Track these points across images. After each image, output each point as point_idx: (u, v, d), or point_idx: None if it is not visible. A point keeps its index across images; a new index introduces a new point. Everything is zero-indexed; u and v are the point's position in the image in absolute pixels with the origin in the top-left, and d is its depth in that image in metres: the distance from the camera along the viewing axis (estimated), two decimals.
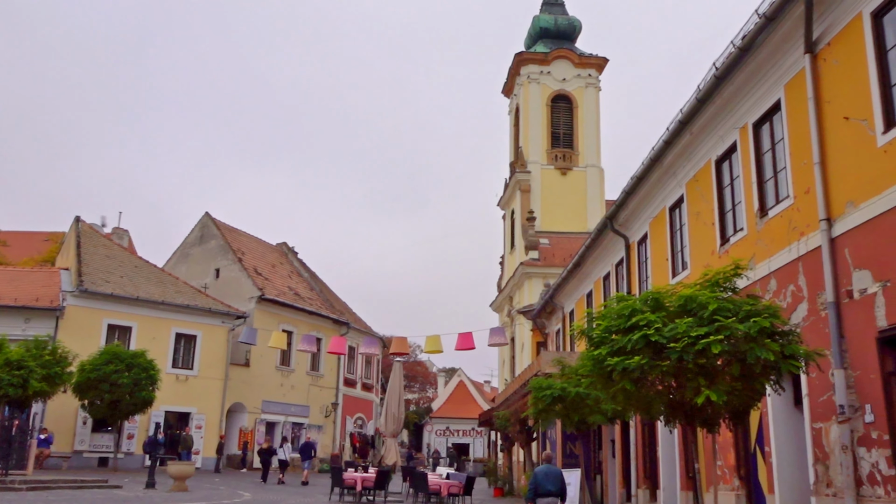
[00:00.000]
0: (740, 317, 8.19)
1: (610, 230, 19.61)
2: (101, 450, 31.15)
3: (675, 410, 8.91)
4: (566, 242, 39.35)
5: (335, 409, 43.40)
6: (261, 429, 37.91)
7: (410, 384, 71.20)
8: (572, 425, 15.50)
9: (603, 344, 8.87)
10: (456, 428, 62.20)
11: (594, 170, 43.82)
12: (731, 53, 11.62)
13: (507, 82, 48.64)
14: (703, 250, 13.98)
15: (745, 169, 12.41)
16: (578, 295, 25.27)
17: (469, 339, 26.80)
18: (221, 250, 41.74)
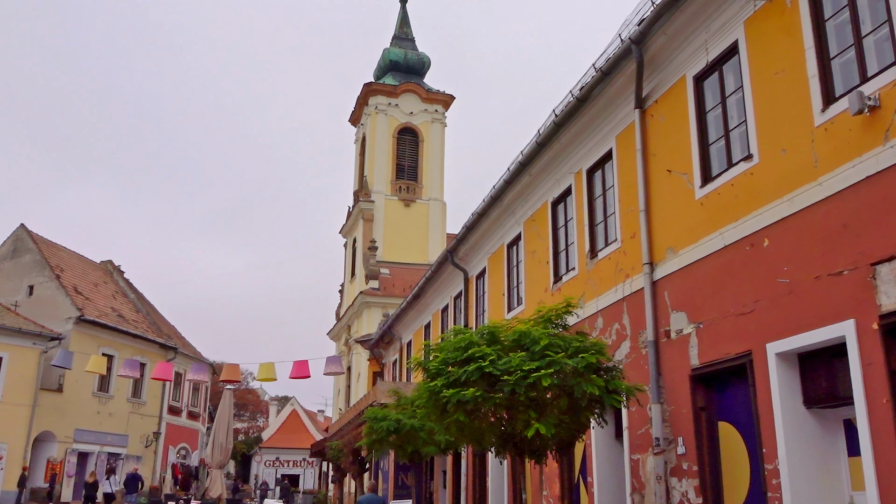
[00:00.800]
0: (569, 352, 8.57)
1: (450, 263, 20.00)
2: None
3: (506, 442, 9.16)
4: (407, 273, 39.73)
5: (157, 439, 41.05)
6: (72, 459, 35.18)
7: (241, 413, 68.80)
8: (406, 456, 15.54)
9: (439, 375, 8.99)
10: (286, 458, 60.56)
11: (437, 203, 44.68)
12: (570, 102, 12.29)
13: (354, 111, 48.80)
14: (538, 287, 14.56)
15: (579, 212, 13.09)
16: (417, 326, 25.50)
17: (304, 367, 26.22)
18: (37, 266, 38.59)
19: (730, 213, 8.89)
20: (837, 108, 7.43)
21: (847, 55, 7.57)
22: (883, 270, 6.75)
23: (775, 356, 7.94)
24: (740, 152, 8.97)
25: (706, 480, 9.00)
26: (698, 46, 9.77)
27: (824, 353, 7.60)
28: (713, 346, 9.00)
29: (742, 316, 8.52)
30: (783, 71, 8.25)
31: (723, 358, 8.81)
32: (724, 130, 9.36)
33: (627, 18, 11.02)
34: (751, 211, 8.52)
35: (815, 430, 7.79)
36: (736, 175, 8.88)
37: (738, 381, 8.73)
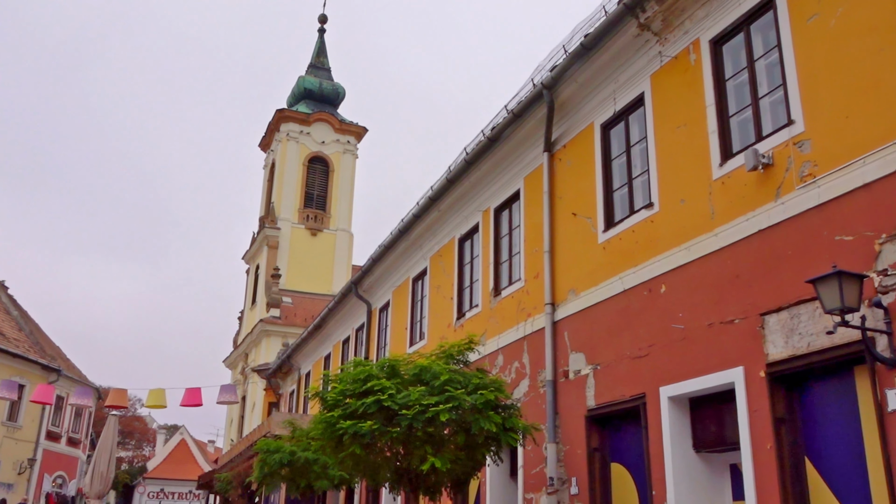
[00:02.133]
0: (469, 389, 8.55)
1: (354, 295, 19.81)
2: None
3: (401, 477, 9.02)
4: (309, 303, 39.11)
5: (31, 466, 38.60)
6: None
7: (126, 440, 65.62)
8: (298, 490, 15.10)
9: (337, 407, 8.80)
10: (172, 490, 57.99)
11: (344, 234, 44.35)
12: (481, 141, 12.47)
13: (265, 137, 48.12)
14: (441, 322, 14.56)
15: (485, 249, 13.22)
16: (317, 357, 25.06)
17: (197, 394, 25.23)
18: None
19: (630, 258, 9.14)
20: (734, 163, 7.79)
21: (745, 114, 7.97)
22: (771, 321, 7.05)
23: (668, 400, 8.15)
24: (642, 200, 9.27)
25: None
26: (607, 96, 10.10)
27: (714, 399, 7.84)
28: (609, 387, 9.17)
29: (638, 359, 8.73)
30: (685, 124, 8.60)
31: (618, 400, 8.98)
32: (628, 178, 9.66)
33: (541, 64, 11.31)
34: (650, 257, 8.78)
35: (703, 473, 8.01)
36: (637, 222, 9.15)
37: (632, 423, 8.90)
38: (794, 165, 7.07)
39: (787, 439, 6.84)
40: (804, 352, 6.68)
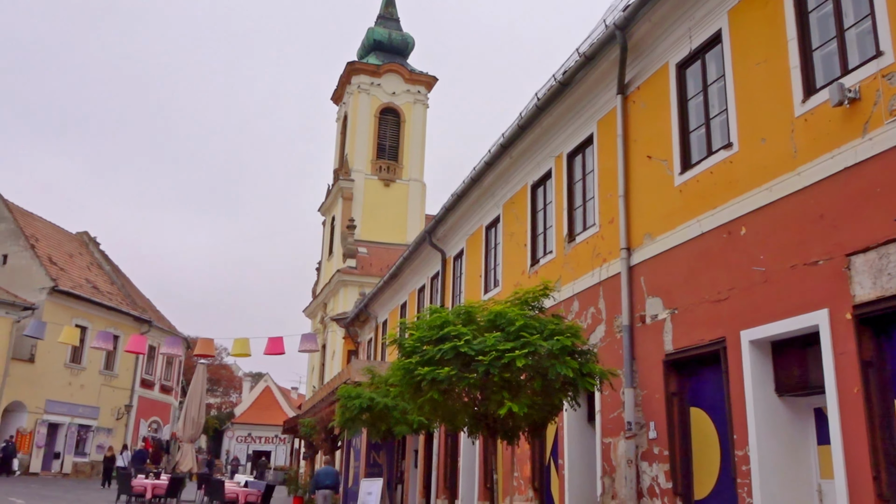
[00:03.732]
0: (545, 335, 8.60)
1: (428, 244, 19.97)
2: None
3: (479, 422, 9.19)
4: (384, 253, 39.63)
5: (128, 412, 40.85)
6: (42, 430, 34.92)
7: (214, 388, 68.49)
8: (378, 435, 15.55)
9: (414, 353, 8.99)
10: (259, 434, 60.53)
11: (417, 184, 44.54)
12: (552, 86, 12.26)
13: (337, 90, 48.41)
14: (515, 269, 14.59)
15: (558, 195, 13.11)
16: (393, 305, 25.49)
17: (279, 343, 26.21)
18: (11, 235, 38.07)
19: (708, 200, 8.93)
20: (818, 99, 7.47)
21: (829, 47, 7.60)
22: (858, 261, 6.82)
23: (749, 343, 8.02)
24: (720, 140, 9.01)
25: (676, 465, 9.09)
26: (682, 34, 9.77)
27: (797, 342, 7.68)
28: (687, 332, 9.07)
29: (717, 303, 8.59)
30: (765, 61, 8.27)
31: (696, 344, 8.88)
32: (705, 118, 9.39)
33: (613, 4, 11.01)
34: (729, 199, 8.56)
35: (786, 417, 7.89)
36: (715, 163, 8.91)
37: (712, 368, 8.81)
38: (882, 99, 6.73)
39: (875, 383, 6.66)
40: (894, 293, 6.45)
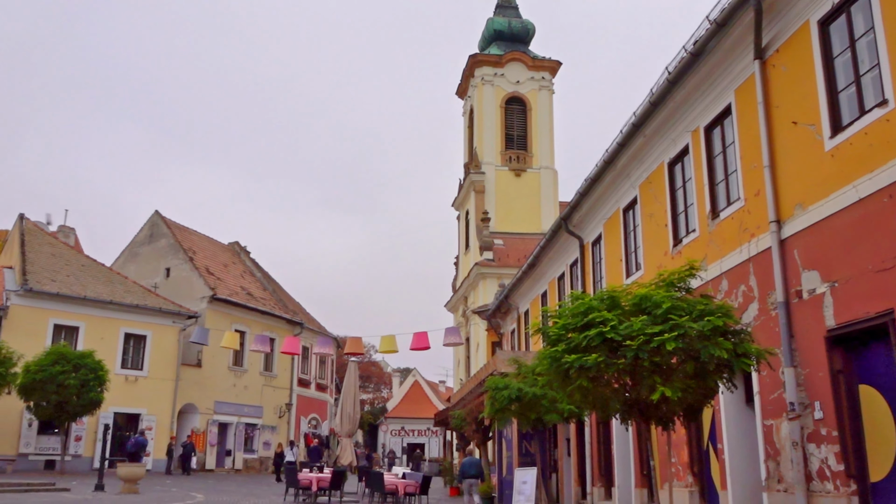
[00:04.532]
0: (694, 316, 8.35)
1: (564, 231, 19.81)
2: (47, 452, 30.43)
3: (631, 408, 9.05)
4: (520, 243, 39.63)
5: (289, 410, 43.02)
6: (213, 429, 37.41)
7: (365, 384, 70.92)
8: (528, 424, 15.63)
9: (560, 342, 8.96)
10: (411, 427, 62.16)
11: (548, 171, 44.21)
12: (683, 58, 11.84)
13: (461, 84, 48.79)
14: (657, 251, 14.23)
15: (697, 171, 12.66)
16: (533, 295, 25.48)
17: (424, 338, 26.80)
18: (172, 249, 41.04)
19: (864, 163, 8.37)
20: None
21: None
22: None
23: None
24: (873, 98, 8.41)
25: (848, 447, 8.59)
26: None
27: None
28: (850, 305, 8.54)
29: (881, 273, 8.04)
30: None
31: (861, 318, 8.35)
32: (855, 76, 8.79)
33: None
34: (888, 160, 7.99)
35: None
36: (870, 123, 8.34)
37: (881, 342, 8.26)
38: None
39: None
40: None
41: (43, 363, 27.09)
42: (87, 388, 27.35)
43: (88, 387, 27.41)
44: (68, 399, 27.01)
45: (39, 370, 26.85)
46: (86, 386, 27.32)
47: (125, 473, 20.62)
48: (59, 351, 27.94)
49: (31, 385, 26.87)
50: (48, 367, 26.89)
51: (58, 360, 27.15)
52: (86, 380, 27.30)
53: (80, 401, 27.36)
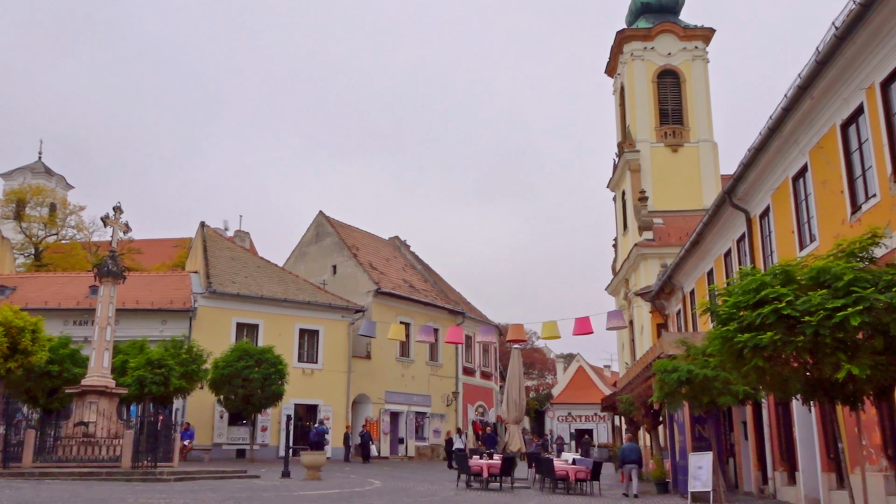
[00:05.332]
0: (880, 287, 7.78)
1: (729, 205, 18.96)
2: (237, 442, 32.80)
3: (814, 388, 8.56)
4: (681, 221, 38.26)
5: (456, 398, 43.96)
6: (385, 419, 38.88)
7: (529, 371, 71.07)
8: (701, 407, 15.13)
9: (731, 320, 8.62)
10: (578, 413, 61.77)
11: (707, 144, 42.35)
12: (852, 10, 11.00)
13: (609, 62, 47.65)
14: (833, 220, 13.33)
15: (875, 131, 11.73)
16: (698, 274, 24.57)
17: (586, 323, 26.56)
18: (337, 247, 43.02)
19: None
20: None
21: None
22: None
23: None
24: None
25: None
26: None
27: None
28: None
29: None
30: None
31: None
32: None
33: None
34: None
35: None
36: None
37: None
38: None
39: None
40: None
41: (229, 359, 29.27)
42: (269, 381, 29.27)
43: (270, 380, 29.33)
44: (253, 392, 29.02)
45: (226, 366, 29.04)
46: (268, 379, 29.24)
47: (308, 461, 21.87)
48: (243, 347, 30.09)
49: (220, 380, 29.12)
50: (234, 362, 29.03)
51: (242, 356, 29.25)
52: (268, 374, 29.23)
53: (264, 393, 29.33)
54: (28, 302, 31.41)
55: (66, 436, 21.02)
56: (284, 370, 30.06)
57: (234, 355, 29.46)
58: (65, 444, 20.72)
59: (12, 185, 69.94)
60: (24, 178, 72.15)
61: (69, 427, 21.26)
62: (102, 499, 13.82)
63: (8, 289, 34.93)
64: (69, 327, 31.51)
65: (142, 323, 31.81)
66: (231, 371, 28.87)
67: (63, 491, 15.15)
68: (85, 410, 21.29)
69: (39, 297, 33.74)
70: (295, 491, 17.38)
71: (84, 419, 21.06)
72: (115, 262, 22.86)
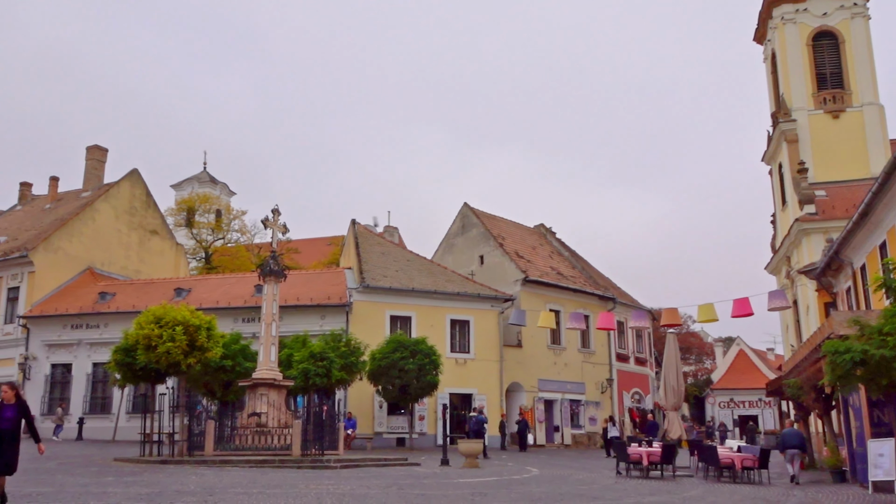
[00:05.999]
0: None
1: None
2: (397, 431, 33.88)
3: None
4: (846, 192, 35.73)
5: (610, 385, 43.32)
6: (539, 407, 38.90)
7: (686, 356, 68.88)
8: (879, 391, 14.10)
9: None
10: (740, 399, 59.19)
11: (872, 108, 39.26)
12: None
13: (758, 28, 45.12)
14: None
15: None
16: (869, 247, 22.90)
17: (746, 304, 25.38)
18: (483, 238, 43.42)
19: None
20: None
21: None
22: None
23: None
24: None
25: None
26: None
27: None
28: None
29: None
30: None
31: None
32: None
33: None
34: None
35: None
36: None
37: None
38: None
39: None
40: None
41: (385, 351, 30.30)
42: (423, 371, 30.04)
43: (425, 370, 30.09)
44: (409, 382, 29.87)
45: (383, 357, 30.07)
46: (423, 370, 30.01)
47: (466, 449, 22.27)
48: (398, 339, 31.04)
49: (377, 371, 30.20)
50: (389, 354, 30.02)
51: (397, 348, 30.19)
52: (422, 364, 30.00)
53: (419, 383, 30.14)
54: (202, 302, 33.89)
55: (241, 426, 22.52)
56: (438, 360, 30.73)
57: (389, 347, 30.44)
58: (240, 434, 22.21)
59: (182, 194, 75.62)
60: (192, 188, 77.79)
61: (243, 417, 22.75)
62: (277, 485, 14.70)
63: (184, 291, 37.79)
64: (238, 324, 33.70)
65: (303, 318, 33.49)
66: (387, 362, 29.85)
67: (242, 477, 16.24)
68: (257, 402, 22.69)
69: (211, 298, 36.28)
70: (454, 478, 17.76)
71: (256, 410, 22.44)
72: (276, 261, 24.19)
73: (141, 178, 48.06)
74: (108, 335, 35.90)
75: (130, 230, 46.53)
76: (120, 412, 35.30)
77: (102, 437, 34.48)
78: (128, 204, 46.59)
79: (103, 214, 44.64)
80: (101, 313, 37.48)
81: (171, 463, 20.50)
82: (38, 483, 14.30)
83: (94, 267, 43.18)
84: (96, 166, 48.42)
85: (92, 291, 39.84)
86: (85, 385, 37.30)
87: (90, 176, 48.03)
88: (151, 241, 48.11)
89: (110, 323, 36.61)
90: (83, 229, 43.22)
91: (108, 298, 38.54)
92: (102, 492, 13.14)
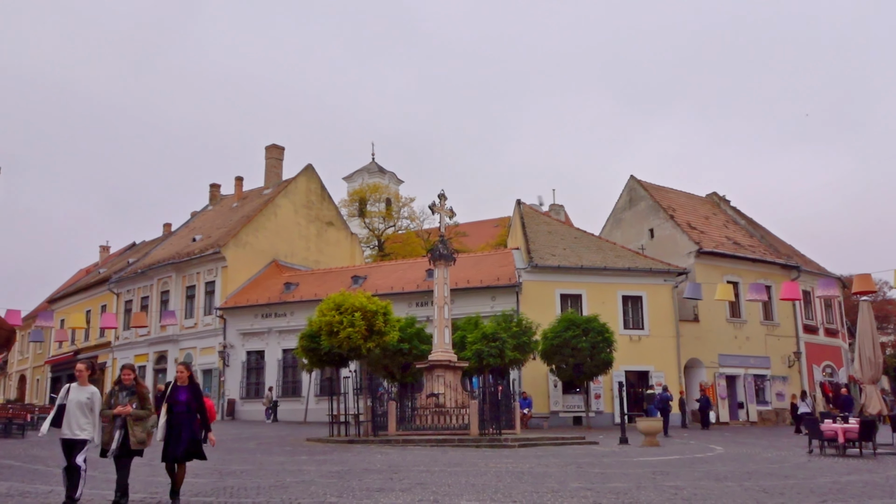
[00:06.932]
0: None
1: None
2: (573, 410, 33.73)
3: None
4: None
5: (798, 359, 40.81)
6: (721, 383, 37.35)
7: (883, 325, 63.58)
8: None
9: None
10: None
11: None
12: None
13: None
14: None
15: None
16: None
17: None
18: (652, 210, 42.13)
19: None
20: None
21: None
22: None
23: None
24: None
25: None
26: None
27: None
28: None
29: None
30: None
31: None
32: None
33: None
34: None
35: None
36: None
37: None
38: None
39: None
40: None
41: (556, 330, 30.19)
42: (597, 349, 29.67)
43: (598, 348, 29.70)
44: (583, 361, 29.63)
45: (555, 336, 29.98)
46: (596, 348, 29.64)
47: (645, 427, 21.83)
48: (569, 318, 30.82)
49: (550, 350, 30.17)
50: (561, 332, 29.88)
51: (569, 327, 29.98)
52: (595, 342, 29.62)
53: (593, 362, 29.80)
54: (377, 288, 35.27)
55: (420, 406, 23.33)
56: (611, 338, 30.23)
57: (561, 325, 30.29)
58: (420, 414, 23.02)
59: (353, 186, 78.93)
60: (362, 179, 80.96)
61: (422, 398, 23.55)
62: (457, 463, 15.12)
63: (360, 278, 39.52)
64: (412, 308, 34.79)
65: (473, 300, 34.05)
66: (560, 341, 29.73)
67: (424, 456, 16.85)
68: (434, 383, 23.39)
69: (386, 283, 37.69)
70: (634, 457, 17.48)
71: (434, 391, 23.15)
72: (445, 245, 24.74)
73: (315, 172, 50.66)
74: (294, 323, 38.22)
75: (308, 223, 49.23)
76: (309, 395, 37.63)
77: (295, 418, 36.91)
78: (305, 198, 49.29)
79: (284, 209, 47.55)
80: (286, 302, 39.95)
81: (358, 442, 21.63)
82: (242, 462, 15.57)
83: (279, 259, 46.14)
84: (275, 164, 51.70)
85: (278, 282, 42.60)
86: (277, 370, 39.96)
87: (270, 173, 51.37)
88: (328, 232, 50.67)
89: (295, 311, 38.93)
90: (267, 224, 46.26)
91: (292, 288, 41.04)
92: (298, 469, 14.11)
